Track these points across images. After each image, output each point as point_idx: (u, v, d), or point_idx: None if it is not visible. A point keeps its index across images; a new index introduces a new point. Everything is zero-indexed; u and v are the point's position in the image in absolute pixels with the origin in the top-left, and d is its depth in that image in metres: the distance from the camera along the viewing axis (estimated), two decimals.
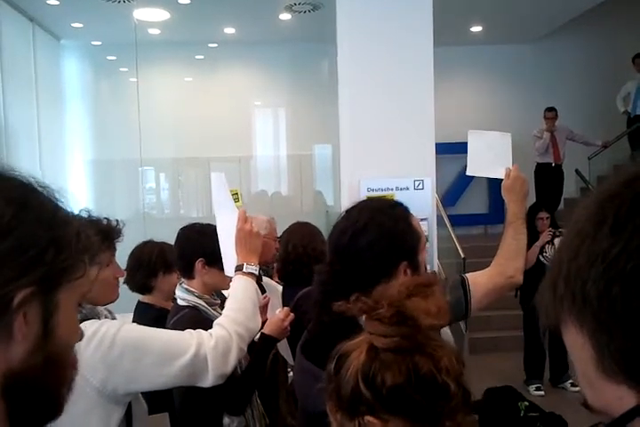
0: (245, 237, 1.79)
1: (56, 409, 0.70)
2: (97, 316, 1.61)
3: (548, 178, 7.45)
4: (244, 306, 1.68)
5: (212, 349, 1.53)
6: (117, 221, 1.72)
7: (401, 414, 0.89)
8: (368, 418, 0.89)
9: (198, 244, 2.09)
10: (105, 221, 1.67)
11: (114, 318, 1.77)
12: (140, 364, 1.45)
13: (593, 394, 0.49)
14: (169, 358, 1.48)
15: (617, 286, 0.44)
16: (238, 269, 1.76)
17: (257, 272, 1.77)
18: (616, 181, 0.49)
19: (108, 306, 1.81)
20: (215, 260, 1.96)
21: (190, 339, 1.54)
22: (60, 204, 0.73)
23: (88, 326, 1.42)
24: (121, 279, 1.81)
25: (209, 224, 2.16)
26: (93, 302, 1.65)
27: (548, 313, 0.51)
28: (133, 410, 1.52)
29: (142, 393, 2.50)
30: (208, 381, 1.54)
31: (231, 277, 1.80)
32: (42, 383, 0.66)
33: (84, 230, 0.73)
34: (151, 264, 2.69)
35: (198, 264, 2.06)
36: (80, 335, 0.75)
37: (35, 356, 0.64)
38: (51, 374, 0.67)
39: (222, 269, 1.91)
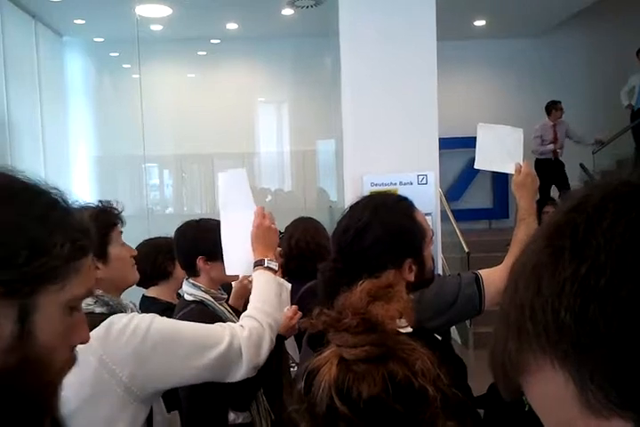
0: (264, 232, 1.78)
1: (41, 410, 0.69)
2: (124, 309, 1.58)
3: (550, 172, 7.44)
4: (270, 297, 1.67)
5: (245, 339, 1.51)
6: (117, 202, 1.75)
7: (381, 426, 0.84)
8: None
9: (196, 241, 2.09)
10: (101, 203, 1.70)
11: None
12: (173, 356, 1.42)
13: None
14: (201, 350, 1.45)
15: (594, 304, 0.41)
16: (259, 264, 1.75)
17: (277, 267, 1.77)
18: (559, 212, 0.47)
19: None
20: (216, 254, 1.95)
21: (223, 330, 1.52)
22: (63, 205, 0.72)
23: (116, 320, 1.40)
24: None
25: (206, 219, 2.16)
26: (114, 285, 1.62)
27: (512, 363, 0.47)
28: (154, 412, 1.50)
29: None
30: (240, 372, 1.51)
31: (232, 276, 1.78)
32: (18, 382, 0.65)
33: (80, 233, 0.71)
34: (171, 249, 2.68)
35: (200, 262, 2.06)
36: (83, 339, 0.74)
37: (9, 356, 0.64)
38: (29, 373, 0.66)
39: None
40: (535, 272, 0.46)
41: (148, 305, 2.71)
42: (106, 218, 1.66)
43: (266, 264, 1.74)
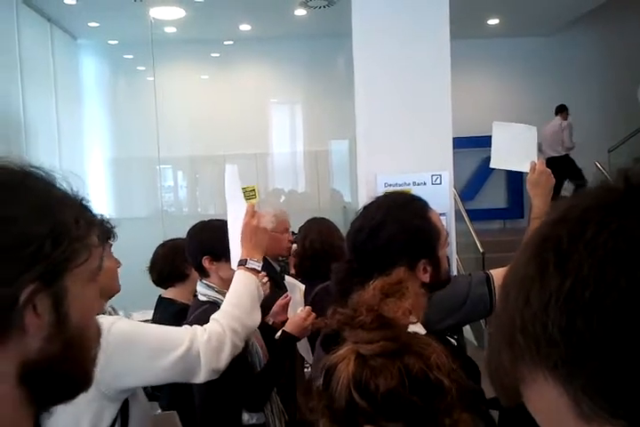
0: (251, 232, 1.79)
1: (84, 382, 0.72)
2: (101, 313, 1.62)
3: (563, 169, 7.43)
4: (243, 301, 1.67)
5: (204, 344, 1.52)
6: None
7: (400, 419, 0.87)
8: None
9: (200, 242, 2.10)
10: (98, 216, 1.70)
11: (117, 315, 1.79)
12: (132, 358, 1.46)
13: None
14: (161, 353, 1.48)
15: (580, 318, 0.42)
16: (241, 263, 1.75)
17: (259, 268, 1.77)
18: (545, 224, 0.48)
19: (113, 302, 1.82)
20: (220, 253, 1.97)
21: (184, 334, 1.54)
22: (58, 186, 0.71)
23: None
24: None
25: (212, 220, 2.17)
26: (101, 294, 1.65)
27: (507, 374, 0.48)
28: (130, 410, 1.52)
29: (164, 390, 2.53)
30: (201, 376, 1.53)
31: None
32: (64, 365, 0.67)
33: (83, 211, 0.72)
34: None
35: (205, 262, 2.07)
36: (99, 308, 0.75)
37: (52, 343, 0.65)
38: (72, 356, 0.68)
39: (230, 260, 1.91)
40: (524, 284, 0.46)
41: (165, 306, 2.73)
42: (101, 231, 1.67)
43: (248, 265, 1.74)
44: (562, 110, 7.96)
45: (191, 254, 2.14)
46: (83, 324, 0.70)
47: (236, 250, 1.84)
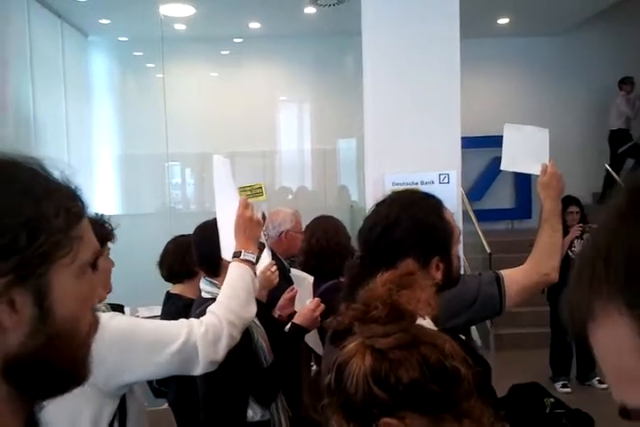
0: (245, 223, 1.78)
1: (77, 376, 0.70)
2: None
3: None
4: (238, 293, 1.67)
5: (201, 336, 1.53)
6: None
7: (419, 408, 0.88)
8: (385, 420, 0.88)
9: (219, 242, 2.08)
10: (97, 216, 1.71)
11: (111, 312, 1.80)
12: (130, 353, 1.47)
13: (639, 391, 0.44)
14: (158, 347, 1.49)
15: None
16: (236, 255, 1.75)
17: (254, 260, 1.77)
18: (631, 180, 0.48)
19: (119, 298, 1.83)
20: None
21: (181, 327, 1.55)
22: (43, 174, 0.67)
23: None
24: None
25: None
26: None
27: (580, 306, 0.47)
28: (128, 406, 1.53)
29: (171, 385, 2.54)
30: (199, 368, 1.54)
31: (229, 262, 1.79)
32: (50, 360, 0.65)
33: (71, 202, 0.68)
34: None
35: (225, 262, 2.05)
36: (101, 296, 0.73)
37: (35, 338, 0.63)
38: (59, 350, 0.66)
39: None
40: (616, 220, 0.45)
41: (173, 301, 2.74)
42: (102, 232, 1.69)
43: (243, 257, 1.74)
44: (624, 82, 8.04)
45: (203, 253, 2.11)
46: (73, 318, 0.67)
47: (225, 242, 1.84)
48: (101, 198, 6.96)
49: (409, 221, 1.46)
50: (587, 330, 0.47)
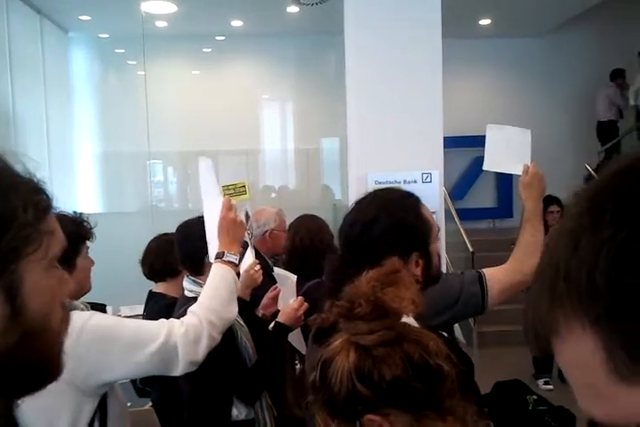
0: (228, 225, 1.79)
1: (50, 372, 0.69)
2: (74, 309, 1.60)
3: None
4: (220, 294, 1.67)
5: (181, 336, 1.53)
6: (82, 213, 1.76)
7: (402, 405, 0.89)
8: (368, 417, 0.89)
9: (204, 240, 2.07)
10: (76, 215, 1.71)
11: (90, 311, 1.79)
12: (109, 353, 1.46)
13: (604, 406, 0.44)
14: (138, 346, 1.49)
15: (631, 272, 0.40)
16: (218, 256, 1.76)
17: (237, 261, 1.78)
18: (604, 176, 0.47)
19: (100, 297, 1.82)
20: None
21: (161, 327, 1.54)
22: (7, 168, 0.66)
23: None
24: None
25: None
26: (74, 292, 1.65)
27: (543, 322, 0.47)
28: (109, 405, 1.53)
29: (155, 385, 2.53)
30: (179, 368, 1.54)
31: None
32: (23, 357, 0.65)
33: (37, 195, 0.66)
34: None
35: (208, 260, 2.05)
36: (69, 292, 0.71)
37: (7, 336, 0.62)
38: (32, 346, 0.65)
39: None
40: (574, 233, 0.44)
41: (156, 300, 2.72)
42: (80, 231, 1.69)
43: (225, 258, 1.75)
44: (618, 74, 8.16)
45: (187, 252, 2.10)
46: (44, 313, 0.66)
47: (213, 244, 1.84)
48: (83, 197, 6.89)
49: (388, 217, 1.48)
50: (550, 345, 0.47)
